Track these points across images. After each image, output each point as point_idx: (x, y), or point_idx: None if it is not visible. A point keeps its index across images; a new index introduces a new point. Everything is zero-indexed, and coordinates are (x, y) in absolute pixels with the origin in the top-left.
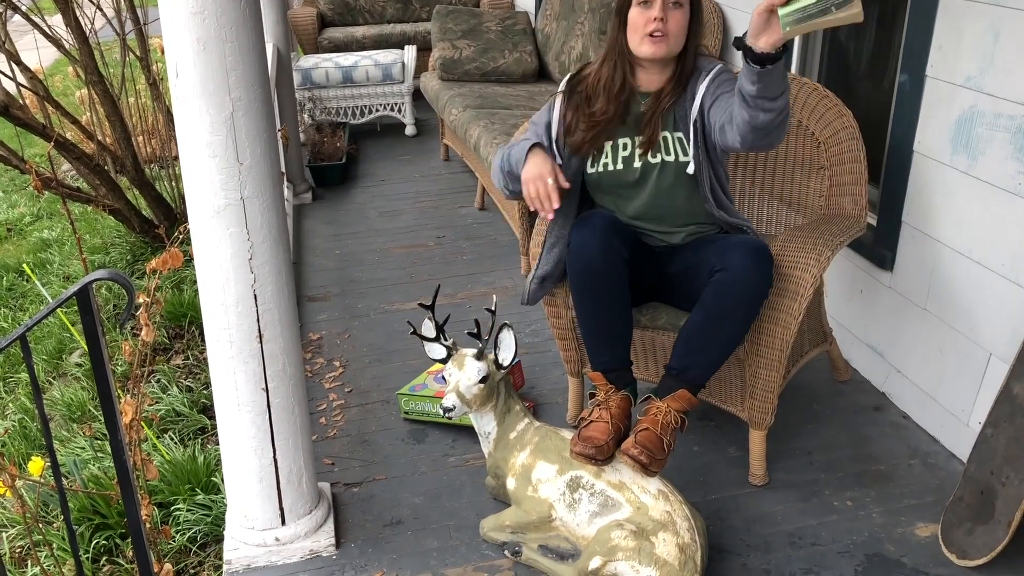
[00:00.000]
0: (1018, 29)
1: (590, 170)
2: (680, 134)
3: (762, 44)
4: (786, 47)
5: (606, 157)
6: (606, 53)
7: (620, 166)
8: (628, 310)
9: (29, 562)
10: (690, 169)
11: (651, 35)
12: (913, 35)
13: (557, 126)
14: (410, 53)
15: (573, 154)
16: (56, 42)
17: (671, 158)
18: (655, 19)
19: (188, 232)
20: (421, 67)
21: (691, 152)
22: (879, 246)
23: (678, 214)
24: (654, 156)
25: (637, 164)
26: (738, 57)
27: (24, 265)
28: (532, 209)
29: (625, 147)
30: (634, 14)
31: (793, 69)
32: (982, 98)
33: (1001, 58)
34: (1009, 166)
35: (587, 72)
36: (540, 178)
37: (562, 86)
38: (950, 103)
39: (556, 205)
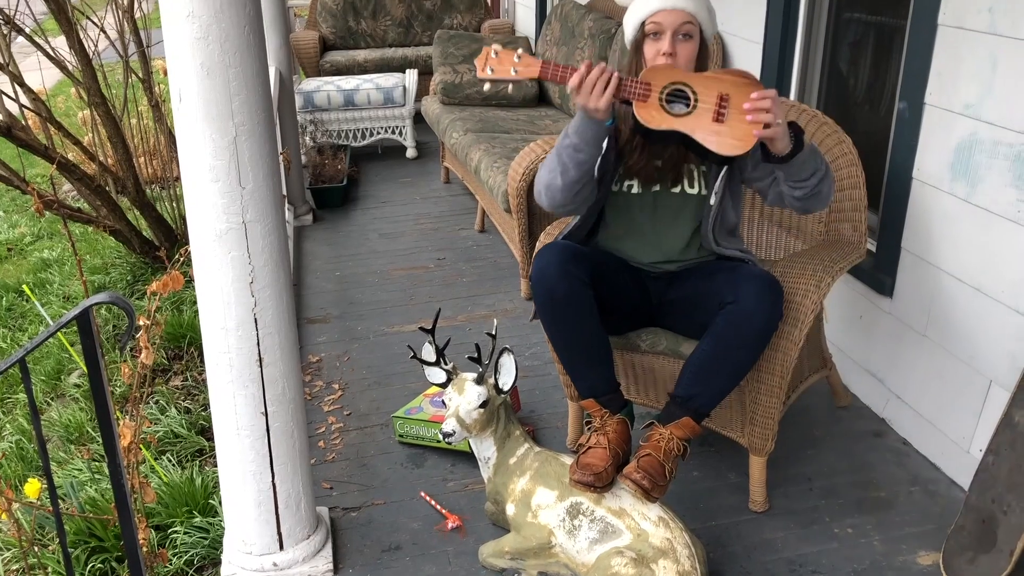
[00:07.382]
0: (1016, 58)
1: (614, 188)
2: (705, 168)
3: (778, 149)
4: (801, 142)
5: (631, 179)
6: None
7: (639, 190)
8: (601, 333)
9: None
10: (712, 200)
11: None
12: (912, 62)
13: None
14: (411, 77)
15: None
16: (59, 64)
17: (693, 191)
18: (664, 53)
19: (189, 254)
20: (422, 91)
21: (715, 187)
22: (879, 272)
23: (684, 244)
24: (676, 187)
25: (656, 188)
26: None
27: (24, 286)
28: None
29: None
30: (647, 47)
31: (792, 95)
32: (981, 126)
33: (1000, 86)
34: (1008, 193)
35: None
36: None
37: None
38: (949, 130)
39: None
